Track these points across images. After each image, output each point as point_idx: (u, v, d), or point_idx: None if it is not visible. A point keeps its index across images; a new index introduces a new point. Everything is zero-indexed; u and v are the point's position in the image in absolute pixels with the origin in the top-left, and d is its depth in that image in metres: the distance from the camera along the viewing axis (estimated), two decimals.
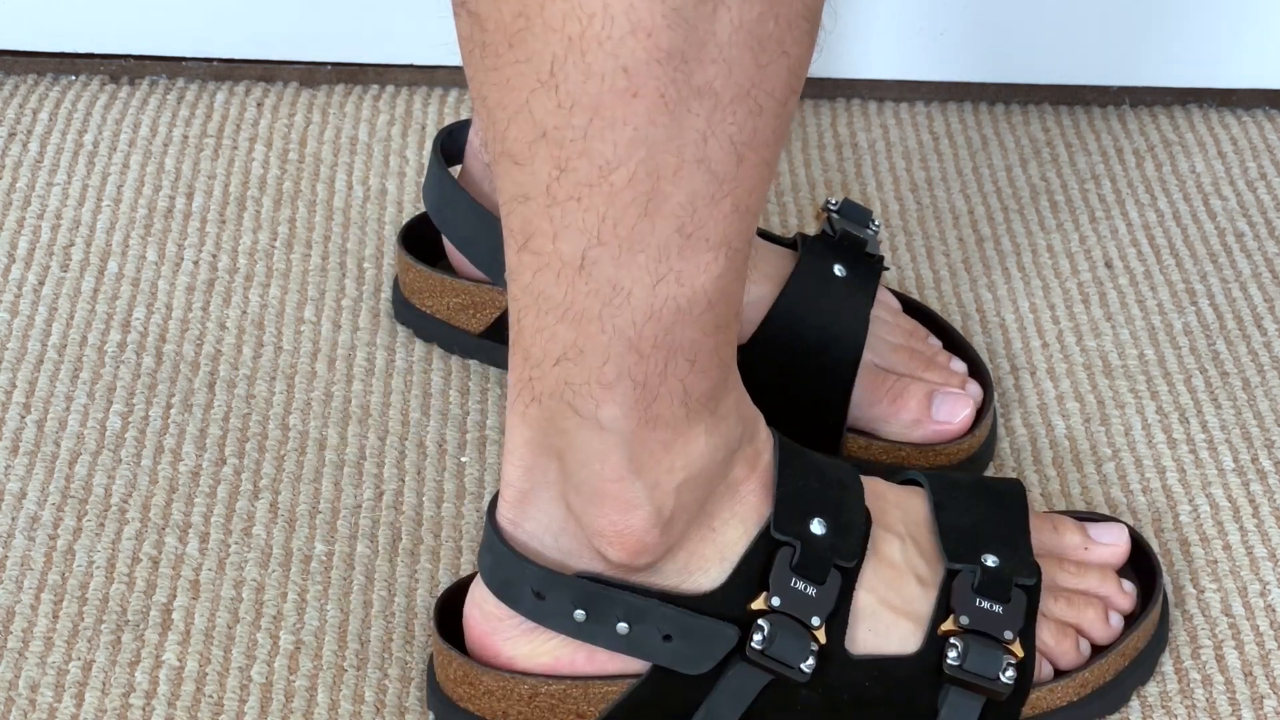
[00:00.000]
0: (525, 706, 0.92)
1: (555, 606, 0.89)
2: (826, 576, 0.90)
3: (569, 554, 0.89)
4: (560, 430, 0.86)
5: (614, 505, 0.87)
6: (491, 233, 1.10)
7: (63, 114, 1.35)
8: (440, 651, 0.93)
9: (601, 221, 0.80)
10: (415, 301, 1.16)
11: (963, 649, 0.91)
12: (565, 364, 0.84)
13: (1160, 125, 1.38)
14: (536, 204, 0.80)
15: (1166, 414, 1.14)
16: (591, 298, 0.82)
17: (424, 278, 1.14)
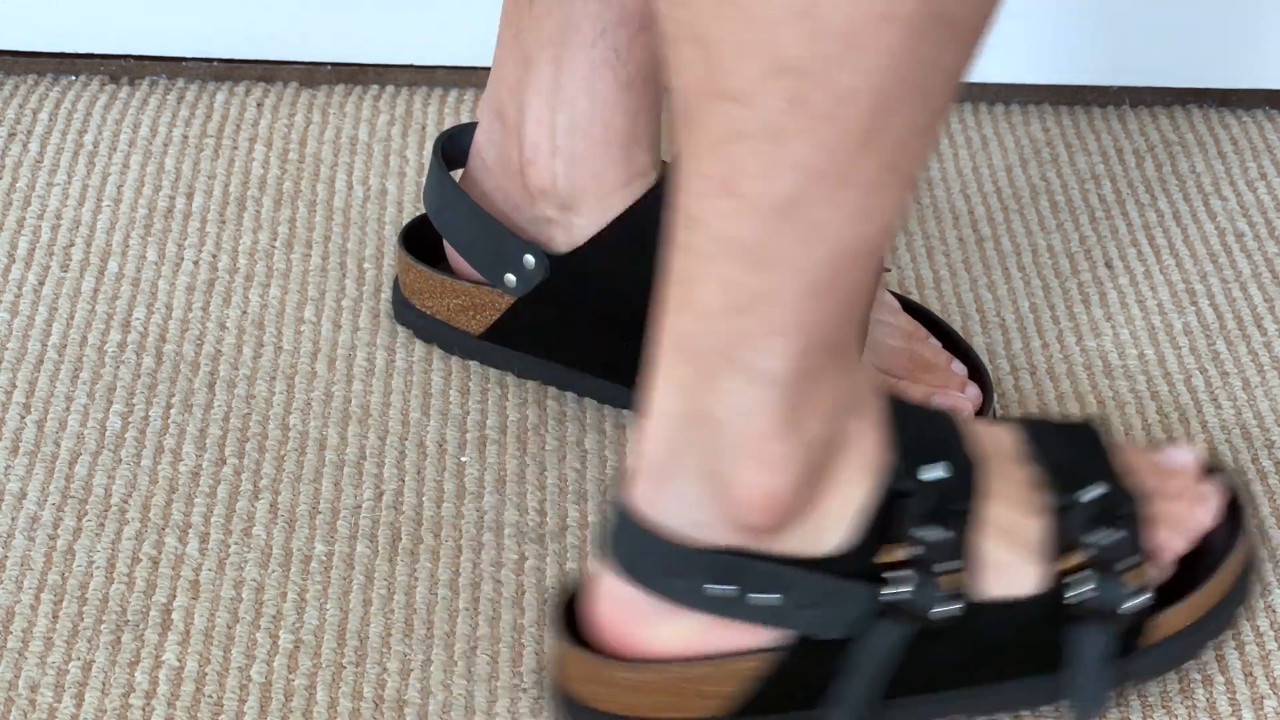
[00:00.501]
0: (664, 696, 0.90)
1: (697, 584, 0.88)
2: (949, 522, 0.90)
3: (703, 527, 0.88)
4: (714, 391, 0.85)
5: (762, 466, 0.86)
6: (492, 235, 1.10)
7: (63, 114, 1.35)
8: (569, 653, 0.92)
9: (822, 157, 0.78)
10: (415, 302, 1.15)
11: (1088, 583, 0.91)
12: (739, 315, 0.83)
13: (1160, 125, 1.38)
14: (754, 142, 0.78)
15: (1166, 414, 1.14)
16: (787, 239, 0.81)
17: (424, 278, 1.14)
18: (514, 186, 1.10)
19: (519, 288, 1.10)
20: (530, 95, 1.07)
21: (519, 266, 1.10)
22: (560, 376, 1.13)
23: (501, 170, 1.10)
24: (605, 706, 0.92)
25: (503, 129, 1.10)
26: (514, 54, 1.08)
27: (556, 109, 1.07)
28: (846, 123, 0.78)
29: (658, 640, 0.90)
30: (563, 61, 1.06)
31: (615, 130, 1.07)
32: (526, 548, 1.04)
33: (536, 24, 1.06)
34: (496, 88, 1.10)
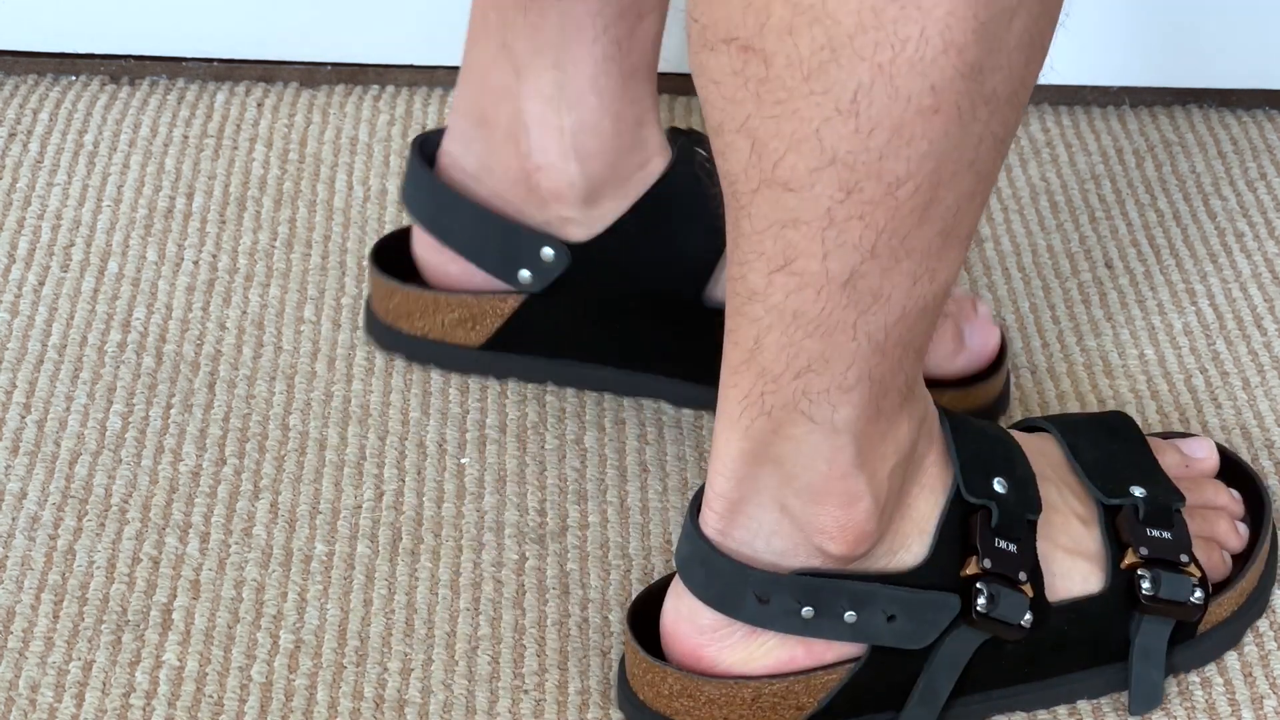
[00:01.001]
0: (747, 710, 0.92)
1: (780, 607, 0.90)
2: (1018, 533, 0.93)
3: (782, 554, 0.90)
4: (787, 438, 0.87)
5: (838, 501, 0.88)
6: (504, 233, 1.09)
7: (63, 114, 1.35)
8: (653, 669, 0.93)
9: (878, 236, 0.81)
10: (404, 326, 1.13)
11: (1153, 578, 0.94)
12: (807, 375, 0.85)
13: (1160, 125, 1.38)
14: (810, 228, 0.80)
15: (1166, 414, 1.14)
16: (849, 309, 0.83)
17: (414, 299, 1.12)
18: (515, 193, 1.09)
19: (535, 283, 1.10)
20: (528, 102, 1.06)
21: (535, 261, 1.09)
22: (571, 374, 1.13)
23: (494, 177, 1.09)
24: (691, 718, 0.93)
25: (487, 136, 1.09)
26: (501, 63, 1.06)
27: (563, 112, 1.06)
28: (900, 205, 0.80)
29: (742, 660, 0.92)
30: (565, 64, 1.05)
31: (625, 120, 1.07)
32: (527, 547, 1.04)
33: (532, 31, 1.05)
34: (476, 96, 1.08)
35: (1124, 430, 1.01)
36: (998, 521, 0.92)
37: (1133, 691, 0.96)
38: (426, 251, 1.12)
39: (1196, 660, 0.98)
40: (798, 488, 0.88)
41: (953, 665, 0.92)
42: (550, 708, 0.96)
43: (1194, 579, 0.95)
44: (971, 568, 0.91)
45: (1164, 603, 0.94)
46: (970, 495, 0.92)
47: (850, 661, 0.92)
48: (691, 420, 1.12)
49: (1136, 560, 0.95)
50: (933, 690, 0.93)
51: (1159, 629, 0.95)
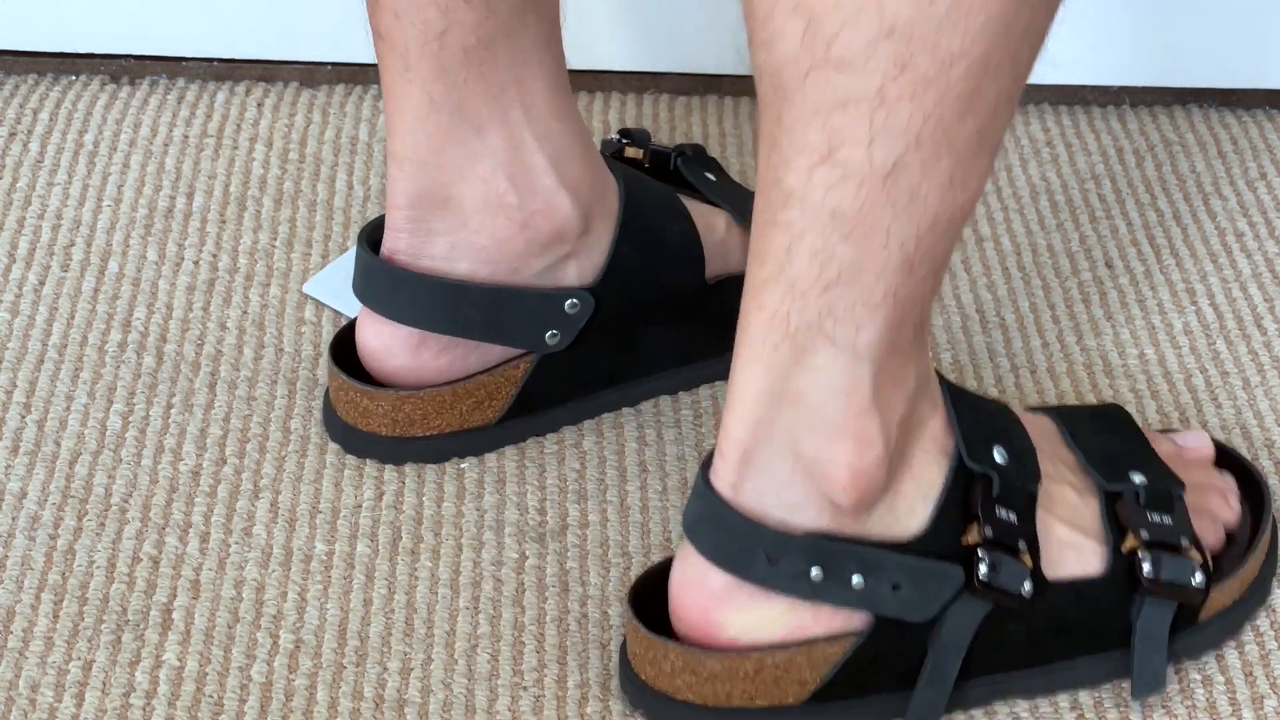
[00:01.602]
0: (749, 684, 0.92)
1: (790, 568, 0.90)
2: (1018, 503, 0.93)
3: (793, 509, 0.90)
4: (806, 369, 0.87)
5: (853, 443, 0.88)
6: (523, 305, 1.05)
7: (63, 114, 1.35)
8: (655, 646, 0.92)
9: (925, 122, 0.81)
10: (418, 430, 1.07)
11: (1154, 560, 0.94)
12: (835, 289, 0.85)
13: (1160, 125, 1.38)
14: (859, 110, 0.80)
15: (1166, 414, 1.14)
16: (886, 209, 0.83)
17: (429, 400, 1.06)
18: (506, 254, 1.05)
19: (563, 340, 1.07)
20: (501, 155, 1.03)
21: (561, 318, 1.06)
22: (586, 408, 1.11)
23: (475, 251, 1.04)
24: (696, 697, 0.93)
25: (455, 214, 1.03)
26: (457, 132, 1.02)
27: (538, 148, 1.03)
28: (949, 87, 0.80)
29: (753, 625, 0.91)
30: (525, 100, 1.02)
31: (584, 137, 1.06)
32: (527, 546, 1.04)
33: (483, 81, 1.01)
34: (429, 184, 1.03)
35: (1122, 421, 1.02)
36: (999, 491, 0.92)
37: (1135, 674, 0.96)
38: (403, 352, 1.06)
39: (1198, 647, 0.98)
40: (815, 426, 0.88)
41: (958, 642, 0.92)
42: (549, 704, 0.96)
43: (1196, 562, 0.95)
44: (973, 536, 0.91)
45: (1166, 585, 0.94)
46: (972, 463, 0.92)
47: (853, 635, 0.92)
48: (691, 420, 1.12)
49: (1137, 543, 0.95)
50: (940, 670, 0.93)
51: (1161, 613, 0.95)
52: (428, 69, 1.00)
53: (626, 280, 1.08)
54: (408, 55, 0.99)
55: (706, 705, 0.93)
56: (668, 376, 1.12)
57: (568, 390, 1.10)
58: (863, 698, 0.93)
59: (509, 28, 1.00)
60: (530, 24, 1.01)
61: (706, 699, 0.92)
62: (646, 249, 1.08)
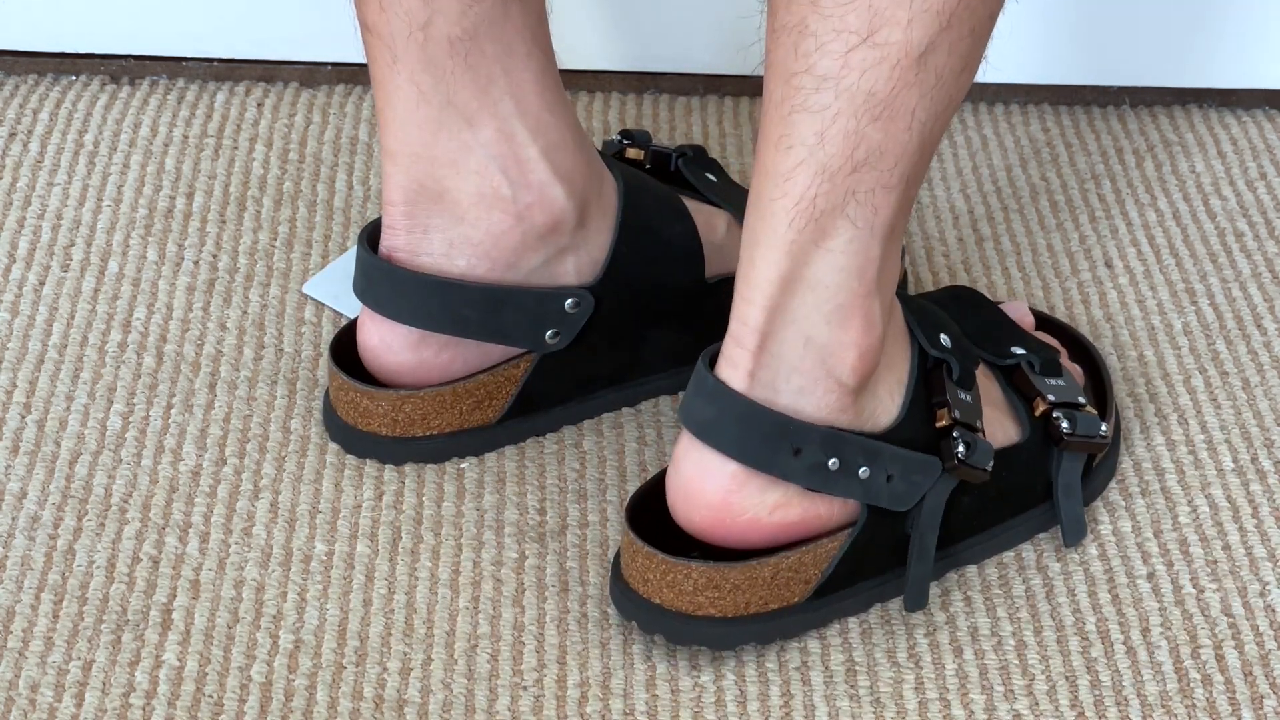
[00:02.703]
0: (766, 589, 0.96)
1: (810, 459, 0.94)
2: (968, 383, 0.99)
3: (802, 392, 0.93)
4: (828, 251, 0.90)
5: (862, 322, 0.92)
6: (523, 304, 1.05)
7: (63, 114, 1.35)
8: (676, 569, 0.95)
9: (957, 2, 0.84)
10: (418, 430, 1.07)
11: (1069, 418, 1.03)
12: (862, 170, 0.88)
13: (1160, 125, 1.38)
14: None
15: (1166, 414, 1.14)
16: (914, 90, 0.86)
17: (430, 399, 1.07)
18: (503, 249, 1.05)
19: (563, 339, 1.07)
20: (493, 147, 1.03)
21: (561, 317, 1.06)
22: (586, 409, 1.11)
23: (473, 246, 1.04)
24: (718, 611, 0.96)
25: (452, 209, 1.04)
26: (447, 125, 1.02)
27: (530, 141, 1.03)
28: None
29: (761, 512, 0.95)
30: (514, 92, 1.02)
31: (577, 127, 1.06)
32: (527, 546, 1.04)
33: (471, 72, 1.01)
34: (422, 177, 1.03)
35: (979, 299, 1.10)
36: (957, 374, 0.98)
37: (1065, 527, 1.04)
38: (403, 349, 1.06)
39: (1096, 492, 1.07)
40: (829, 309, 0.91)
41: (935, 519, 0.98)
42: (549, 703, 0.96)
43: (1097, 416, 1.04)
44: (944, 419, 0.97)
45: (1081, 439, 1.03)
46: (931, 348, 0.98)
47: (849, 527, 0.96)
48: None
49: (1047, 407, 1.03)
50: (924, 548, 0.98)
51: (1075, 465, 1.04)
52: (414, 60, 1.00)
53: (626, 279, 1.08)
54: (394, 47, 1.00)
55: (727, 617, 0.96)
56: (668, 376, 1.12)
57: (568, 390, 1.10)
58: (854, 586, 0.99)
59: (492, 18, 1.00)
60: (514, 15, 1.01)
61: (727, 611, 0.96)
62: (646, 248, 1.08)
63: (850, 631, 1.00)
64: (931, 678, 0.98)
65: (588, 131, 1.34)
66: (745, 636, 0.97)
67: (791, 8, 0.86)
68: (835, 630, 1.00)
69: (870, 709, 0.96)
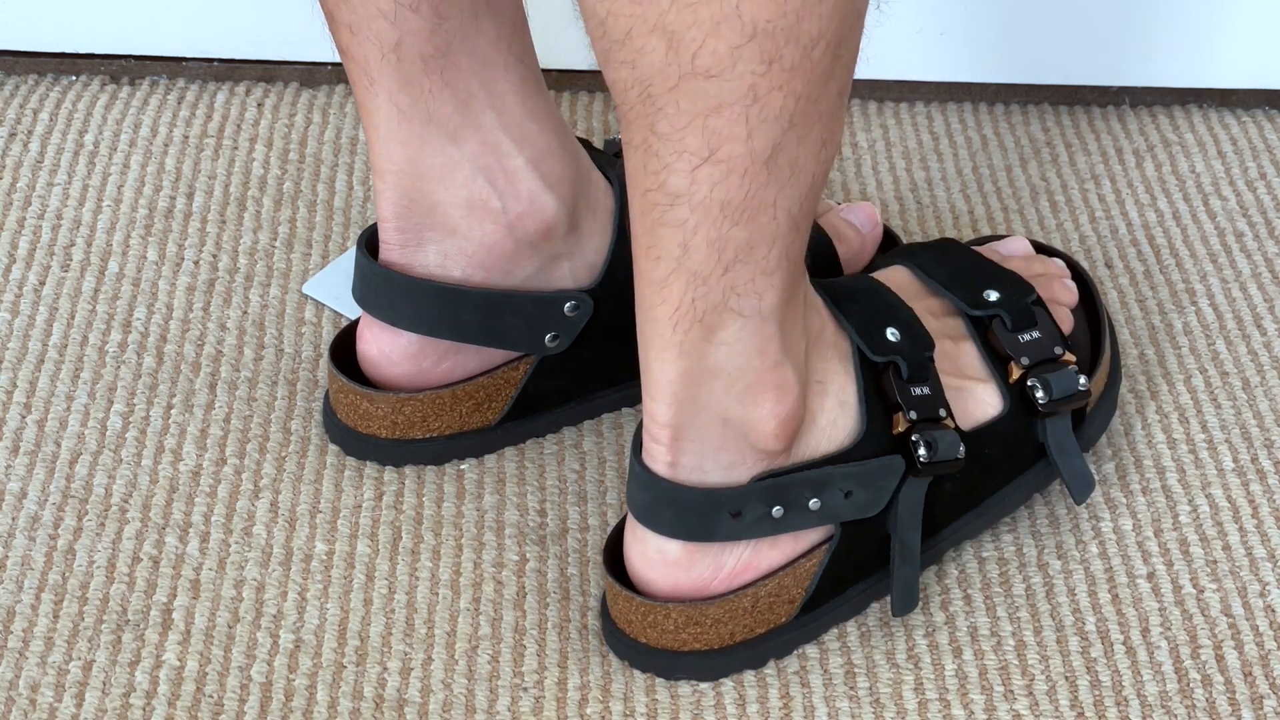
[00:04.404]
0: (748, 617, 0.97)
1: (752, 515, 0.94)
2: (923, 373, 0.98)
3: (730, 467, 0.94)
4: (721, 343, 0.90)
5: (774, 395, 0.92)
6: (522, 309, 1.05)
7: (63, 114, 1.35)
8: (654, 610, 0.96)
9: (797, 103, 0.83)
10: (417, 432, 1.07)
11: (1044, 384, 1.02)
12: (735, 268, 0.87)
13: (1160, 125, 1.38)
14: (734, 110, 0.82)
15: (1166, 414, 1.14)
16: (771, 187, 0.85)
17: (429, 401, 1.07)
18: (496, 258, 1.05)
19: (562, 342, 1.07)
20: (479, 160, 1.02)
21: (560, 321, 1.06)
22: (585, 410, 1.11)
23: (466, 257, 1.04)
24: (704, 645, 0.97)
25: (443, 221, 1.03)
26: (431, 140, 1.02)
27: (516, 151, 1.03)
28: (814, 67, 0.82)
29: (723, 580, 0.95)
30: (495, 104, 1.02)
31: (563, 135, 1.05)
32: (528, 548, 1.04)
33: (448, 87, 1.01)
34: (411, 192, 1.03)
35: (958, 246, 1.09)
36: (907, 372, 0.97)
37: (1070, 487, 1.04)
38: (403, 360, 1.06)
39: (1094, 435, 1.08)
40: (737, 392, 0.91)
41: (913, 516, 0.98)
42: (549, 705, 0.96)
43: (1073, 366, 1.03)
44: (900, 424, 0.97)
45: (1059, 401, 1.02)
46: (875, 355, 0.97)
47: (825, 543, 0.97)
48: None
49: (1021, 372, 1.02)
50: (907, 546, 0.98)
51: (1064, 424, 1.03)
52: (390, 81, 1.00)
53: (625, 281, 1.07)
54: (369, 69, 1.00)
55: (713, 649, 0.97)
56: None
57: (567, 392, 1.10)
58: (843, 594, 0.99)
59: (464, 33, 1.00)
60: (486, 28, 1.00)
61: (713, 643, 0.97)
62: None
63: (849, 634, 1.00)
64: (931, 678, 0.98)
65: (588, 132, 1.34)
66: (735, 665, 0.98)
67: (634, 130, 0.85)
68: (833, 633, 1.00)
69: (870, 710, 0.96)
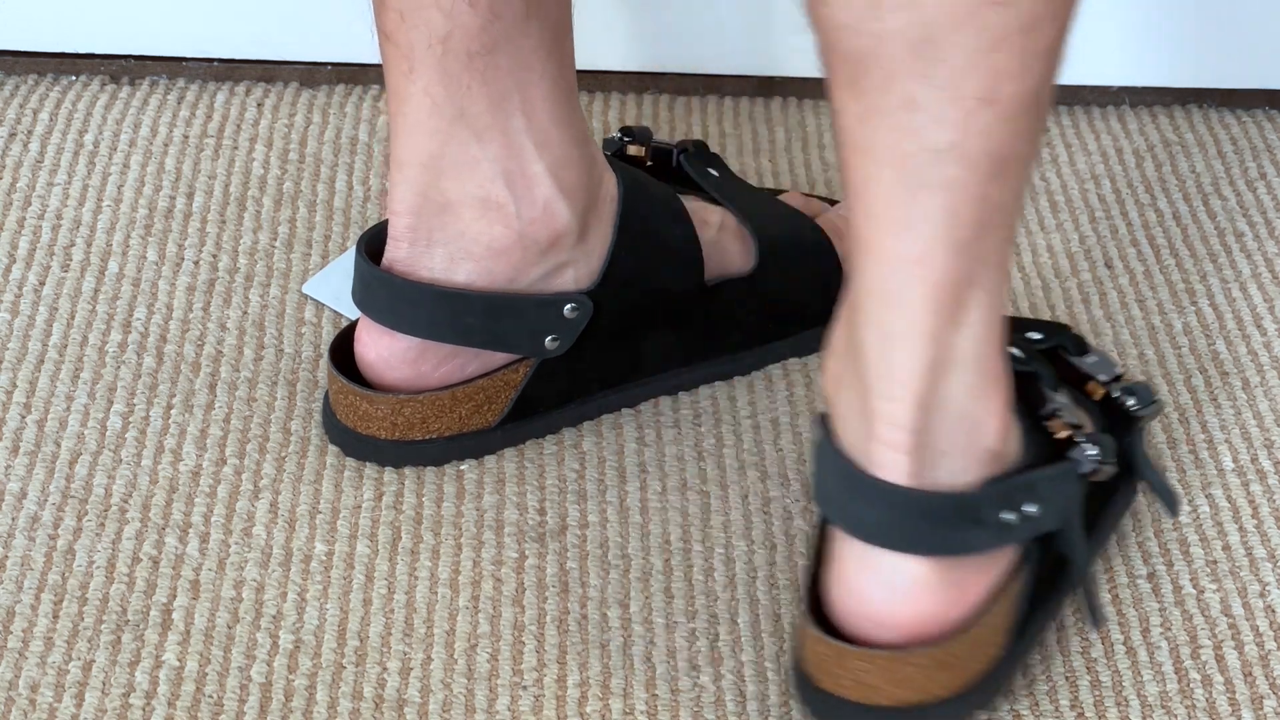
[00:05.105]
0: (981, 653, 0.92)
1: (993, 521, 0.89)
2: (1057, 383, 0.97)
3: (958, 472, 0.89)
4: (964, 325, 0.86)
5: (1001, 385, 0.89)
6: (522, 312, 1.05)
7: (63, 114, 1.35)
8: (896, 662, 0.89)
9: (1059, 34, 0.81)
10: (416, 434, 1.07)
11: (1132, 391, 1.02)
12: (987, 233, 0.84)
13: (1160, 125, 1.38)
14: (1012, 42, 0.79)
15: (1166, 414, 1.14)
16: (1024, 138, 0.82)
17: (429, 403, 1.06)
18: (505, 263, 1.05)
19: (562, 345, 1.07)
20: (501, 163, 1.02)
21: (560, 324, 1.06)
22: (586, 411, 1.11)
23: (473, 260, 1.04)
24: (947, 691, 0.91)
25: (455, 221, 1.03)
26: (457, 137, 1.01)
27: (537, 156, 1.03)
28: None
29: (964, 604, 0.90)
30: (526, 108, 1.02)
31: (583, 143, 1.06)
32: (527, 546, 1.04)
33: (485, 86, 1.00)
34: (427, 189, 1.03)
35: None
36: (1050, 383, 0.96)
37: (1165, 501, 1.02)
38: (402, 365, 1.06)
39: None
40: (970, 384, 0.87)
41: (1081, 525, 0.95)
42: (549, 703, 0.96)
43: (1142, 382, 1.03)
44: (1062, 431, 0.94)
45: (1152, 407, 1.01)
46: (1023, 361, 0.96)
47: (1025, 562, 0.93)
48: (690, 421, 1.12)
49: (1104, 389, 1.01)
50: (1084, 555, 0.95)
51: (1141, 437, 1.02)
52: (431, 72, 0.99)
53: (625, 284, 1.08)
54: (411, 56, 0.99)
55: (954, 695, 0.91)
56: (667, 378, 1.12)
57: (567, 394, 1.10)
58: (1038, 610, 0.95)
59: (511, 34, 1.00)
60: (534, 31, 1.00)
61: (955, 688, 0.91)
62: (645, 253, 1.08)
63: None
64: None
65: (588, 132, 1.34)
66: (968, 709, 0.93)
67: (894, 86, 0.81)
68: None
69: None
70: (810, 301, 1.14)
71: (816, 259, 1.14)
